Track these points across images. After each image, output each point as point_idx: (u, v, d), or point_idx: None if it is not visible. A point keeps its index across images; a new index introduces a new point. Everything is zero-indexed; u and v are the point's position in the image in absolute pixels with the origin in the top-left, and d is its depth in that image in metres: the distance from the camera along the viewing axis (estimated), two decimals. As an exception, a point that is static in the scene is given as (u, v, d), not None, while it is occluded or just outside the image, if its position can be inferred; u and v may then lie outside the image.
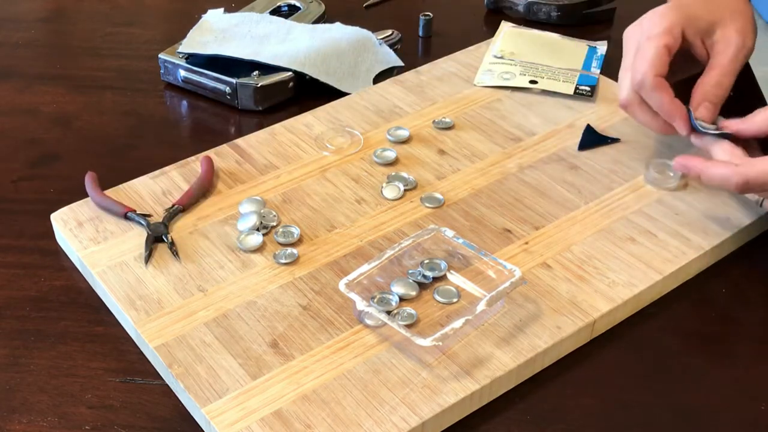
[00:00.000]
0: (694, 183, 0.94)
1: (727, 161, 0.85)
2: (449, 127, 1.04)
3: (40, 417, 0.75)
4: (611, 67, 1.13)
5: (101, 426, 0.75)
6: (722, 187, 0.85)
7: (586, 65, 1.13)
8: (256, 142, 1.02)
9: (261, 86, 1.10)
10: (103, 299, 0.86)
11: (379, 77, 1.15)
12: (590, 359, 0.80)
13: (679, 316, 0.84)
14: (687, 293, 0.86)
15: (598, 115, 1.05)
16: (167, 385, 0.78)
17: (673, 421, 0.75)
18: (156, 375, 0.79)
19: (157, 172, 0.98)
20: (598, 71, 1.12)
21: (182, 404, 0.76)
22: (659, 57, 0.88)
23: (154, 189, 0.95)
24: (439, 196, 0.93)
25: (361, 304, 0.78)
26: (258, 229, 0.89)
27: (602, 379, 0.79)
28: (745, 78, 1.09)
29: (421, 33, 1.26)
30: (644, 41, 0.90)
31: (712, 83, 0.90)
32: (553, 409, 0.76)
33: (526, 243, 0.88)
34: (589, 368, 0.79)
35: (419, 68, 1.15)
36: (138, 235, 0.89)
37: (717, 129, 0.88)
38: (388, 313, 0.80)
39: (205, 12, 1.22)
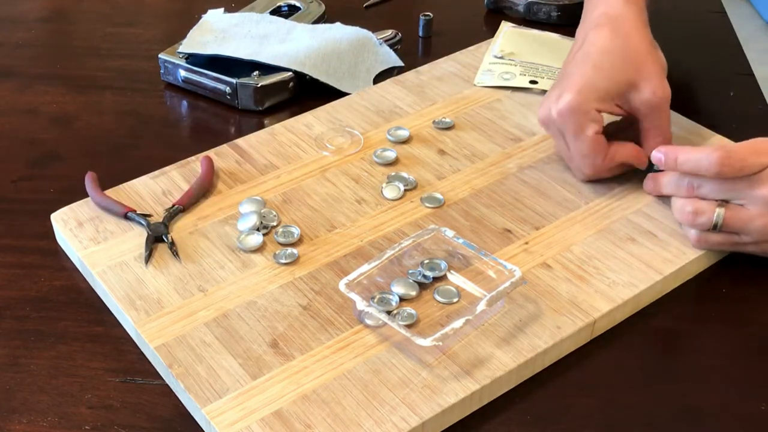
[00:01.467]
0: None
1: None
2: (449, 127, 1.04)
3: (40, 417, 0.75)
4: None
5: (101, 426, 0.75)
6: (699, 168, 0.83)
7: (587, 65, 1.12)
8: (257, 142, 1.02)
9: (261, 86, 1.10)
10: (104, 299, 0.86)
11: (379, 77, 1.15)
12: (590, 359, 0.80)
13: (680, 317, 0.84)
14: (687, 293, 0.86)
15: (599, 115, 1.04)
16: (167, 385, 0.78)
17: (673, 421, 0.75)
18: (156, 375, 0.79)
19: (157, 172, 0.98)
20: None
21: (182, 404, 0.76)
22: (596, 146, 0.90)
23: (155, 189, 0.95)
24: (439, 196, 0.93)
25: (361, 304, 0.78)
26: (258, 229, 0.89)
27: (602, 379, 0.79)
28: (745, 78, 1.09)
29: (421, 33, 1.26)
30: (571, 142, 0.91)
31: (658, 141, 0.91)
32: (553, 409, 0.76)
33: (526, 243, 0.88)
34: (589, 368, 0.79)
35: (419, 68, 1.15)
36: (138, 235, 0.89)
37: None
38: (388, 313, 0.80)
39: (205, 12, 1.22)
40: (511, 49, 1.16)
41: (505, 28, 1.22)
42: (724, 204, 0.83)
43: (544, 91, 1.08)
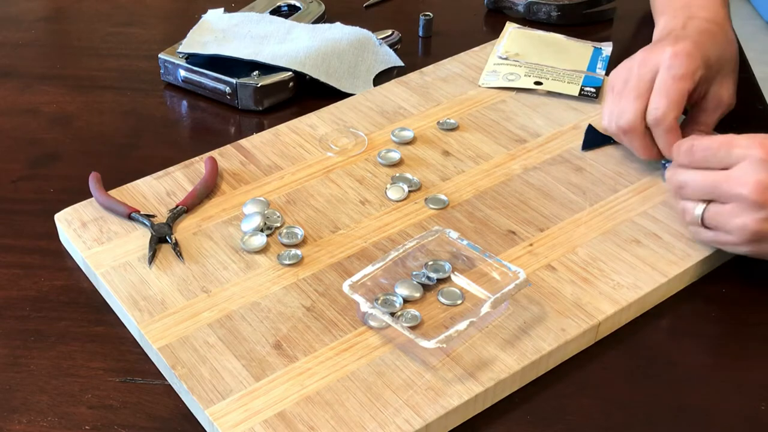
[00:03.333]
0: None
1: None
2: (454, 128, 1.03)
3: (40, 417, 0.75)
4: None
5: (101, 426, 0.74)
6: (676, 159, 0.85)
7: (591, 66, 1.12)
8: (260, 142, 1.02)
9: (261, 86, 1.09)
10: (107, 300, 0.85)
11: (379, 77, 1.15)
12: (591, 360, 0.80)
13: (683, 318, 0.84)
14: (691, 295, 0.86)
15: (603, 117, 1.04)
16: (167, 384, 0.78)
17: (673, 421, 0.75)
18: (156, 375, 0.79)
19: (161, 173, 0.97)
20: (603, 72, 1.12)
21: (183, 404, 0.76)
22: (681, 101, 0.90)
23: (158, 189, 0.95)
24: (443, 197, 0.93)
25: (365, 306, 0.78)
26: (262, 230, 0.89)
27: (604, 380, 0.78)
28: (745, 78, 1.09)
29: (421, 33, 1.26)
30: (669, 78, 0.90)
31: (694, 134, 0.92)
32: (554, 410, 0.76)
33: (531, 245, 0.88)
34: (591, 370, 0.79)
35: (423, 69, 1.14)
36: (142, 236, 0.89)
37: None
38: (392, 314, 0.79)
39: (205, 12, 1.22)
40: (516, 50, 1.16)
41: (510, 28, 1.22)
42: (706, 202, 0.83)
43: (548, 92, 1.08)
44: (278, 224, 0.90)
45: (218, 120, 1.11)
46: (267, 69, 1.11)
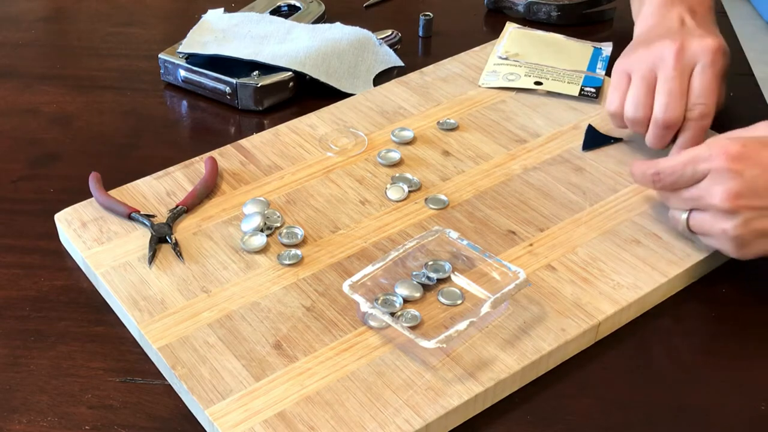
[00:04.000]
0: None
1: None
2: (454, 129, 1.03)
3: (40, 417, 0.75)
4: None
5: (101, 426, 0.74)
6: (643, 183, 0.87)
7: (591, 66, 1.12)
8: (260, 142, 1.02)
9: (261, 86, 1.09)
10: (107, 300, 0.85)
11: (379, 77, 1.15)
12: (591, 360, 0.80)
13: (683, 318, 0.84)
14: (691, 295, 0.86)
15: (603, 117, 1.04)
16: (167, 384, 0.78)
17: (673, 421, 0.75)
18: (156, 375, 0.79)
19: (161, 173, 0.97)
20: (604, 72, 1.12)
21: (183, 404, 0.76)
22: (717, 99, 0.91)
23: (158, 189, 0.95)
24: (443, 197, 0.93)
25: (365, 306, 0.78)
26: (262, 230, 0.89)
27: (604, 380, 0.78)
28: (745, 78, 1.09)
29: (421, 33, 1.26)
30: (712, 76, 0.90)
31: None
32: (554, 410, 0.76)
33: (531, 245, 0.88)
34: (591, 370, 0.79)
35: (423, 69, 1.14)
36: (142, 236, 0.89)
37: None
38: (392, 314, 0.79)
39: (205, 12, 1.22)
40: (516, 50, 1.16)
41: (510, 28, 1.22)
42: (689, 212, 0.84)
43: (548, 92, 1.08)
44: (278, 224, 0.90)
45: (218, 120, 1.11)
46: (267, 69, 1.11)
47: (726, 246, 0.82)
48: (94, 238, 0.89)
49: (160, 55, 1.15)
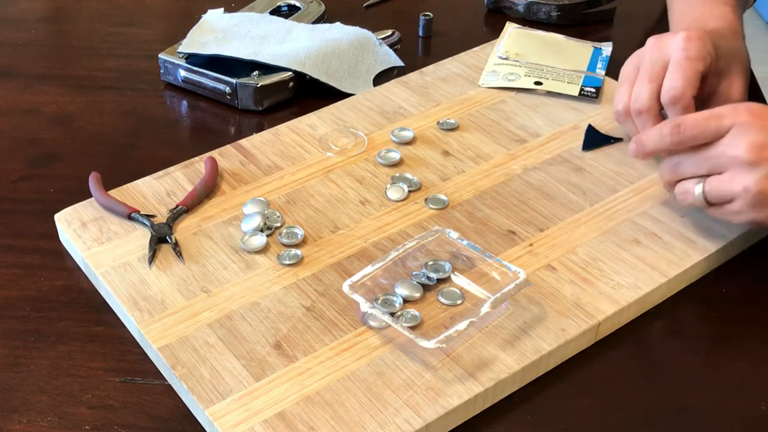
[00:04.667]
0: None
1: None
2: (454, 128, 1.03)
3: (40, 417, 0.75)
4: (616, 68, 1.12)
5: (101, 426, 0.74)
6: (661, 144, 0.85)
7: (591, 66, 1.12)
8: (260, 142, 1.02)
9: (261, 86, 1.09)
10: (107, 300, 0.85)
11: (379, 77, 1.15)
12: (591, 360, 0.80)
13: (683, 318, 0.84)
14: (691, 295, 0.86)
15: (603, 117, 1.04)
16: (167, 384, 0.78)
17: (673, 421, 0.75)
18: (156, 375, 0.79)
19: (161, 173, 0.97)
20: (603, 72, 1.12)
21: (183, 404, 0.76)
22: (696, 80, 0.89)
23: (158, 189, 0.95)
24: (443, 197, 0.93)
25: (364, 306, 0.78)
26: (262, 230, 0.89)
27: (604, 380, 0.78)
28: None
29: (421, 33, 1.26)
30: (683, 59, 0.89)
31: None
32: (554, 410, 0.76)
33: (531, 245, 0.88)
34: (591, 370, 0.79)
35: (423, 69, 1.14)
36: (142, 236, 0.89)
37: None
38: (392, 314, 0.79)
39: (205, 12, 1.22)
40: (516, 50, 1.16)
41: (510, 28, 1.22)
42: (703, 179, 0.83)
43: (548, 92, 1.08)
44: (278, 224, 0.90)
45: (218, 120, 1.11)
46: (267, 69, 1.11)
47: (745, 205, 0.81)
48: (94, 238, 0.89)
49: (160, 55, 1.15)
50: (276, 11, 1.27)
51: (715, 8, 1.01)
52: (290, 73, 1.11)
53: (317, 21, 1.25)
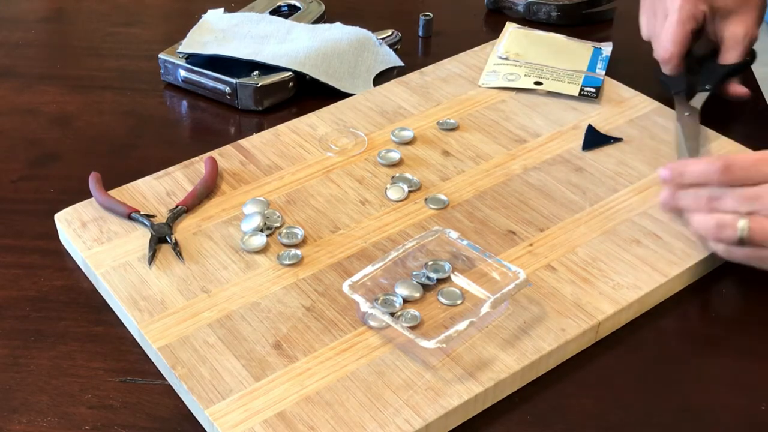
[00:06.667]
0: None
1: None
2: (454, 128, 1.03)
3: (40, 417, 0.75)
4: (616, 68, 1.13)
5: (101, 426, 0.74)
6: (706, 179, 0.81)
7: (591, 66, 1.12)
8: (260, 142, 1.02)
9: (261, 86, 1.09)
10: (107, 300, 0.85)
11: (379, 77, 1.15)
12: (591, 360, 0.80)
13: (683, 318, 0.84)
14: (691, 295, 0.86)
15: (603, 117, 1.04)
16: (167, 384, 0.78)
17: (673, 421, 0.75)
18: (156, 375, 0.79)
19: (161, 173, 0.97)
20: (603, 72, 1.12)
21: (183, 404, 0.76)
22: (685, 39, 1.02)
23: (158, 189, 0.95)
24: (443, 197, 0.93)
25: (364, 306, 0.78)
26: (262, 230, 0.89)
27: (604, 380, 0.78)
28: (745, 78, 1.09)
29: (421, 33, 1.26)
30: (674, 22, 1.02)
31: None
32: (554, 410, 0.76)
33: (531, 245, 0.88)
34: (591, 370, 0.79)
35: (423, 69, 1.14)
36: (142, 236, 0.89)
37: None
38: (392, 314, 0.79)
39: (205, 12, 1.22)
40: (516, 50, 1.16)
41: (510, 28, 1.22)
42: (748, 215, 0.79)
43: (548, 92, 1.08)
44: (278, 224, 0.90)
45: (218, 120, 1.11)
46: (267, 69, 1.11)
47: None
48: (94, 238, 0.89)
49: (160, 55, 1.15)
50: (276, 11, 1.27)
51: None
52: (290, 73, 1.11)
53: (317, 21, 1.24)
